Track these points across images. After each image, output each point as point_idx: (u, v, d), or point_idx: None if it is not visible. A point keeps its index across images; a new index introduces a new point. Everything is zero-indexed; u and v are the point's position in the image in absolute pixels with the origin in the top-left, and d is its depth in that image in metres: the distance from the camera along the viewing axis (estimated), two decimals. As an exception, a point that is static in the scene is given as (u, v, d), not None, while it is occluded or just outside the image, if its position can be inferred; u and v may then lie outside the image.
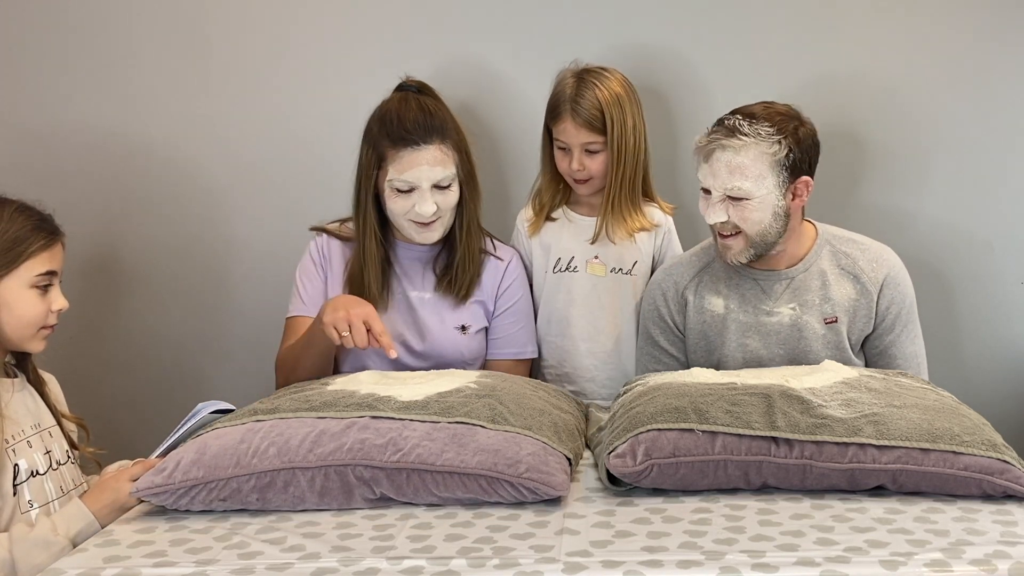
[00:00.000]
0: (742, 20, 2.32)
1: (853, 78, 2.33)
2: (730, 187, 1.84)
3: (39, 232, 1.67)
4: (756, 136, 1.82)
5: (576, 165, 2.06)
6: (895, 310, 1.97)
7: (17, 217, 1.66)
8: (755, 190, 1.84)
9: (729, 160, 1.83)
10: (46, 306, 1.68)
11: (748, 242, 1.89)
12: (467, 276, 2.05)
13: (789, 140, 1.84)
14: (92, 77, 2.38)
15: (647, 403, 1.62)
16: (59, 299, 1.70)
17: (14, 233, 1.64)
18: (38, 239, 1.66)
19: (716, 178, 1.85)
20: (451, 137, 1.97)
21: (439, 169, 1.94)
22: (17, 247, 1.64)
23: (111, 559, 1.36)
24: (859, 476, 1.50)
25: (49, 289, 1.68)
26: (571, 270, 2.14)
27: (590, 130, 2.03)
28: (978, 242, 2.39)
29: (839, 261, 1.98)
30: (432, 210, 1.95)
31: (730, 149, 1.83)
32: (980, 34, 2.32)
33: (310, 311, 2.04)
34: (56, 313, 1.70)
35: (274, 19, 2.36)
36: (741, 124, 1.83)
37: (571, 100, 2.03)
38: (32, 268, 1.65)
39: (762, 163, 1.83)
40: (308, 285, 2.07)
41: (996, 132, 2.35)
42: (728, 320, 1.98)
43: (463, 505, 1.52)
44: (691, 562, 1.29)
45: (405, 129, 1.93)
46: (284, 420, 1.60)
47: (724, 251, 1.93)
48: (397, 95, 2.01)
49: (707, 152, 1.86)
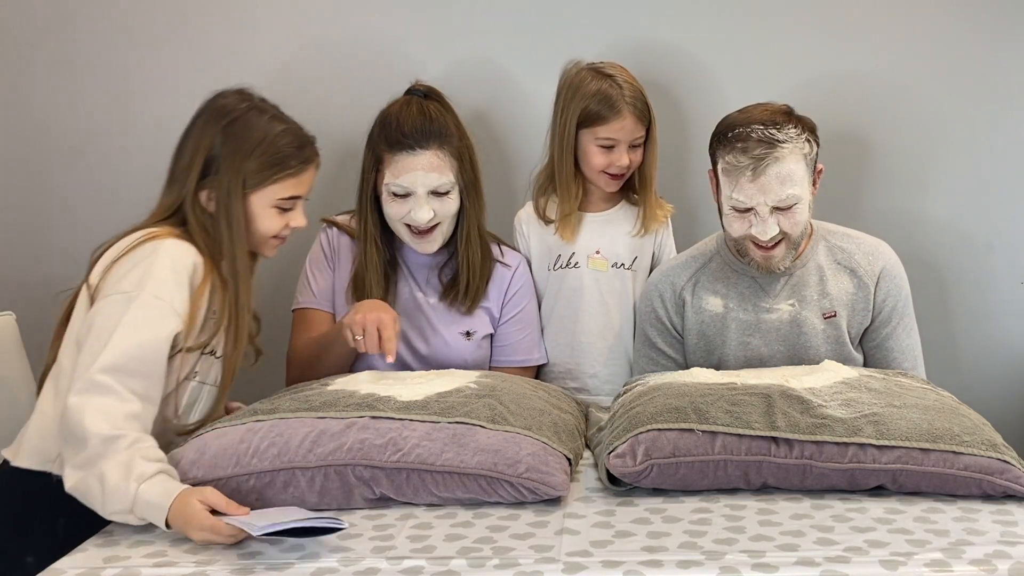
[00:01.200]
0: (748, 20, 2.32)
1: (857, 77, 2.33)
2: (783, 197, 1.81)
3: (295, 157, 1.71)
4: (790, 140, 1.81)
5: (625, 160, 2.05)
6: (891, 303, 1.97)
7: (283, 137, 1.70)
8: (803, 194, 1.84)
9: (779, 172, 1.81)
10: (284, 222, 1.74)
11: (790, 244, 1.89)
12: (472, 287, 2.03)
13: (808, 134, 1.85)
14: (93, 76, 2.37)
15: (647, 403, 1.62)
16: (299, 218, 1.76)
17: (274, 152, 1.69)
18: (292, 163, 1.71)
19: (767, 193, 1.81)
20: (451, 143, 1.95)
21: (435, 175, 1.93)
22: (273, 168, 1.69)
23: (111, 559, 1.36)
24: (859, 476, 1.50)
25: (290, 209, 1.74)
26: (572, 266, 2.14)
27: (642, 122, 2.05)
28: (978, 242, 2.39)
29: (835, 256, 1.98)
30: (428, 217, 1.93)
31: (779, 161, 1.81)
32: (981, 34, 2.32)
33: (320, 303, 2.04)
34: (292, 229, 1.76)
35: (282, 18, 2.35)
36: (773, 133, 1.81)
37: (623, 97, 2.02)
38: (278, 191, 1.71)
39: (802, 165, 1.84)
40: (319, 276, 2.06)
41: (996, 132, 2.35)
42: (728, 319, 1.98)
43: (463, 505, 1.52)
44: (691, 562, 1.29)
45: (402, 133, 1.93)
46: (284, 420, 1.60)
47: (766, 261, 1.90)
48: (403, 99, 2.00)
49: (756, 170, 1.81)
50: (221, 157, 1.67)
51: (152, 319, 1.55)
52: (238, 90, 1.75)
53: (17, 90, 2.39)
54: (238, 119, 1.69)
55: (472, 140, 2.00)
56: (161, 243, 1.61)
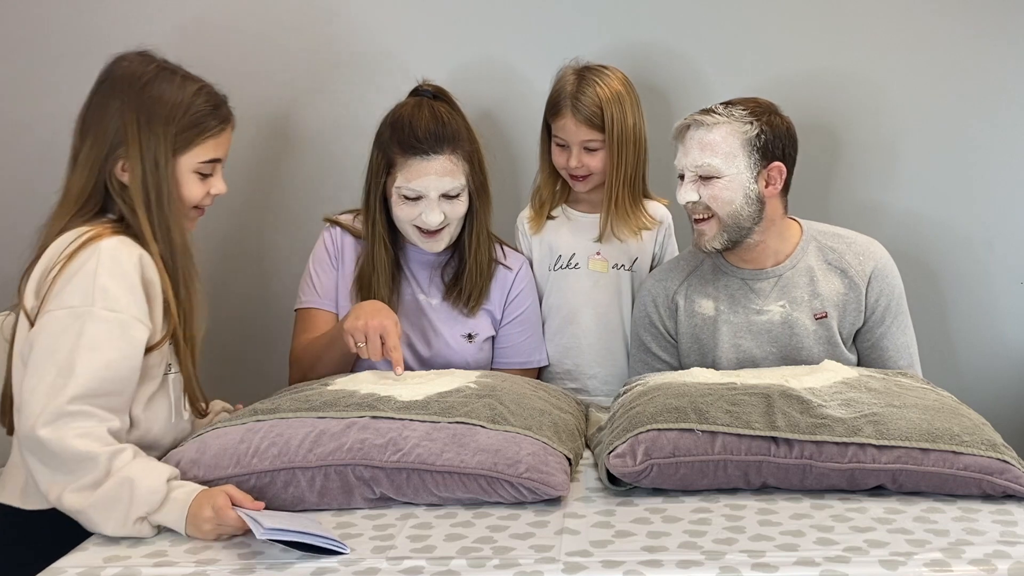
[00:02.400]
0: (743, 19, 2.33)
1: (852, 76, 2.34)
2: (700, 163, 1.86)
3: (213, 117, 1.64)
4: (729, 116, 1.86)
5: (575, 162, 2.06)
6: (884, 302, 1.97)
7: (198, 97, 1.62)
8: (725, 168, 1.85)
9: (701, 138, 1.86)
10: (205, 189, 1.66)
11: (721, 226, 1.89)
12: (476, 287, 2.03)
13: (762, 122, 1.86)
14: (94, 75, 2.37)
15: (647, 403, 1.62)
16: (219, 184, 1.69)
17: (192, 115, 1.61)
18: (211, 124, 1.63)
19: (687, 156, 1.88)
20: (463, 147, 1.94)
21: (448, 180, 1.92)
22: (194, 129, 1.61)
23: (111, 559, 1.35)
24: (859, 476, 1.50)
25: (210, 174, 1.67)
26: (572, 267, 2.14)
27: (590, 127, 2.03)
28: (977, 242, 2.39)
29: (826, 256, 1.98)
30: (439, 220, 1.93)
31: (703, 127, 1.86)
32: (980, 33, 2.32)
33: (323, 303, 2.03)
34: (212, 196, 1.69)
35: (288, 19, 2.35)
36: (717, 107, 1.89)
37: (572, 97, 2.03)
38: (199, 154, 1.63)
39: (733, 140, 1.85)
40: (322, 276, 2.05)
41: (996, 132, 2.35)
42: (719, 322, 1.98)
43: (463, 505, 1.52)
44: (691, 562, 1.29)
45: (416, 137, 1.90)
46: (284, 420, 1.60)
47: (699, 238, 1.93)
48: (412, 100, 1.98)
49: (680, 132, 1.91)
50: (139, 125, 1.56)
51: (114, 336, 1.47)
52: (139, 52, 1.64)
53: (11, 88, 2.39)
54: (150, 82, 1.58)
55: (480, 141, 1.99)
56: (98, 246, 1.50)
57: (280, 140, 2.40)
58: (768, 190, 1.89)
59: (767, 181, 1.88)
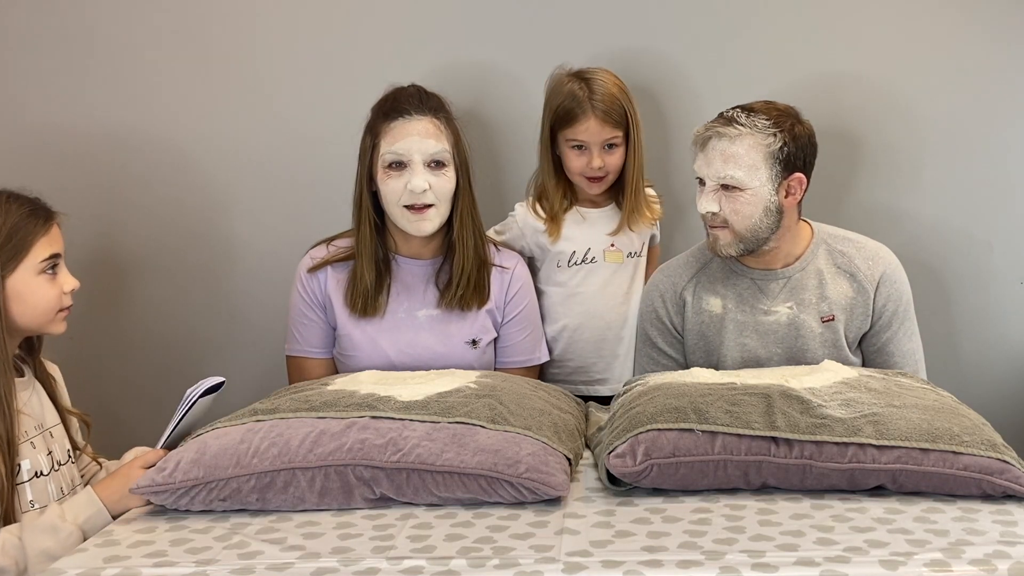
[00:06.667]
0: (738, 22, 2.33)
1: (849, 79, 2.34)
2: (723, 175, 1.85)
3: (34, 218, 1.66)
4: (752, 127, 1.84)
5: (597, 162, 2.07)
6: (892, 308, 1.97)
7: (10, 207, 1.64)
8: (748, 181, 1.85)
9: (724, 149, 1.85)
10: (58, 289, 1.68)
11: (736, 236, 1.89)
12: (470, 281, 2.00)
13: (785, 134, 1.85)
14: (97, 76, 2.38)
15: (647, 403, 1.62)
16: (68, 279, 1.71)
17: (11, 224, 1.63)
18: (35, 225, 1.65)
19: (710, 167, 1.87)
20: (447, 117, 1.96)
21: (431, 142, 1.91)
22: (16, 237, 1.63)
23: (111, 559, 1.36)
24: (859, 476, 1.50)
25: (56, 271, 1.69)
26: (589, 261, 2.15)
27: (613, 125, 2.05)
28: (978, 242, 2.39)
29: (835, 260, 1.98)
30: (423, 185, 1.90)
31: (725, 138, 1.85)
32: (980, 33, 2.32)
33: (311, 351, 2.04)
34: (69, 293, 1.71)
35: (278, 21, 2.36)
36: (739, 115, 1.86)
37: (590, 99, 2.04)
38: (36, 255, 1.65)
39: (756, 154, 1.84)
40: (303, 329, 2.04)
41: (996, 132, 2.35)
42: (726, 320, 1.98)
43: (463, 505, 1.52)
44: (691, 562, 1.29)
45: (397, 101, 1.94)
46: (284, 420, 1.60)
47: (714, 242, 1.94)
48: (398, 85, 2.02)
49: (703, 141, 1.89)
50: None
51: None
52: None
53: (17, 93, 2.39)
54: None
55: (465, 144, 1.99)
56: None
57: (276, 144, 2.40)
58: (788, 200, 1.89)
59: (787, 191, 1.89)
